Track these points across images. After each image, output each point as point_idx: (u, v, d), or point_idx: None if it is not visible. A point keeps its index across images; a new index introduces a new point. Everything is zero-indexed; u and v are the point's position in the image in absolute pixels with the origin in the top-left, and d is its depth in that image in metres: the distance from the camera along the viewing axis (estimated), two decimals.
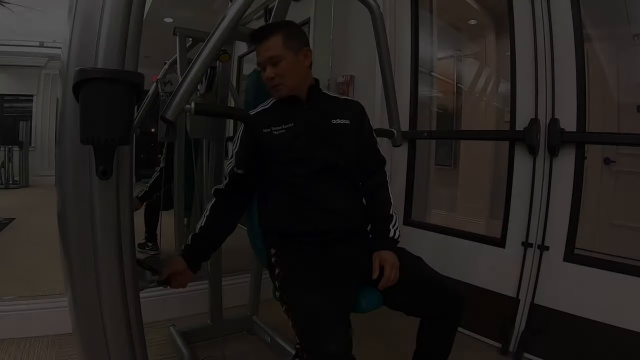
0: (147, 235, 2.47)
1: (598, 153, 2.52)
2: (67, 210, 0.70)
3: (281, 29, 1.09)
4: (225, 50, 1.21)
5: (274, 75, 1.07)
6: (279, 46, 1.06)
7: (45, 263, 2.23)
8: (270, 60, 1.06)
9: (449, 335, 1.05)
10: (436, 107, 2.73)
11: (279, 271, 1.05)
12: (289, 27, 1.11)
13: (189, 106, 0.84)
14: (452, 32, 3.23)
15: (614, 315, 1.38)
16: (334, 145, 1.10)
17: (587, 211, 2.15)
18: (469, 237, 1.87)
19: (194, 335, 1.58)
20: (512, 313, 1.62)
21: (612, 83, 2.47)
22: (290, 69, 1.08)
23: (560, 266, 1.52)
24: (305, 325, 0.90)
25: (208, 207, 1.10)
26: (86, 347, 0.74)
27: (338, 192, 1.08)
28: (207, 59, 0.88)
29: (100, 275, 0.71)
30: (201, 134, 1.39)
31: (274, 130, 1.09)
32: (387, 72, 1.35)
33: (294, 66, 1.09)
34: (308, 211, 1.06)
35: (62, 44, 0.71)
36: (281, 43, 1.06)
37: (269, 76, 1.08)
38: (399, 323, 1.84)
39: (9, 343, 1.48)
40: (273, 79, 1.08)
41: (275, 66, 1.07)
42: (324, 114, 1.13)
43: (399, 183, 2.16)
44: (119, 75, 0.65)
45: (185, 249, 1.03)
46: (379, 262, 1.02)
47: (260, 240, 1.15)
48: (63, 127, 0.69)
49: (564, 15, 1.50)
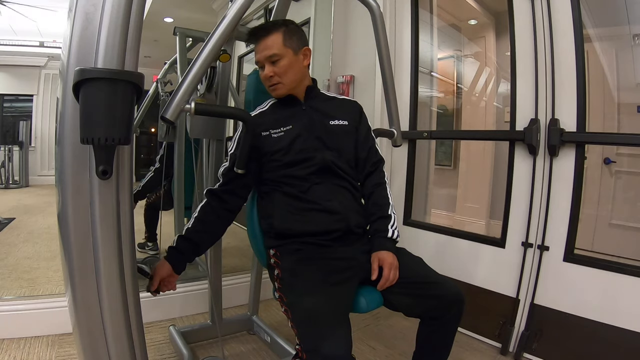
0: (147, 235, 2.47)
1: (598, 153, 2.52)
2: (67, 210, 0.69)
3: (281, 27, 1.08)
4: (225, 50, 1.21)
5: (273, 74, 1.07)
6: (279, 45, 1.06)
7: (45, 263, 2.23)
8: (270, 58, 1.06)
9: (448, 336, 1.05)
10: (436, 107, 2.73)
11: (278, 272, 1.05)
12: (288, 26, 1.10)
13: (189, 106, 0.85)
14: (452, 32, 3.23)
15: (614, 315, 1.38)
16: (332, 146, 1.10)
17: (587, 211, 2.16)
18: (469, 237, 1.87)
19: (194, 335, 1.58)
20: (512, 313, 1.62)
21: (612, 83, 2.47)
22: (290, 68, 1.08)
23: (560, 266, 1.52)
24: (305, 325, 0.90)
25: (198, 208, 1.08)
26: (86, 347, 0.74)
27: (337, 193, 1.08)
28: (207, 59, 0.88)
29: (100, 275, 0.71)
30: (201, 134, 1.38)
31: (273, 134, 1.09)
32: (387, 72, 1.35)
33: (293, 65, 1.09)
34: (307, 212, 1.06)
35: (62, 44, 0.71)
36: (281, 42, 1.06)
37: (267, 75, 1.07)
38: (399, 323, 1.85)
39: (9, 343, 1.48)
40: (272, 78, 1.07)
41: (274, 65, 1.06)
42: (322, 115, 1.13)
43: (398, 183, 2.16)
44: (119, 75, 0.65)
45: (169, 252, 1.01)
46: (377, 262, 1.02)
47: (260, 240, 1.15)
48: (63, 127, 0.69)
49: (564, 15, 1.49)
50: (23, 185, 4.84)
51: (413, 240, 2.06)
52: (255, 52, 1.09)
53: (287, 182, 1.07)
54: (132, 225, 0.78)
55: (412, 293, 1.02)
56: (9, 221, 3.21)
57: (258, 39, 1.07)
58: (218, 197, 1.08)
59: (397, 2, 2.15)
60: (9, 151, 4.77)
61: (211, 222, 1.07)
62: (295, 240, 1.06)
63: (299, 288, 0.98)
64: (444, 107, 3.33)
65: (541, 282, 1.57)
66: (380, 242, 1.07)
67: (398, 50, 2.17)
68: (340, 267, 1.02)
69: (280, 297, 1.02)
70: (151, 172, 2.39)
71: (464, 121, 3.34)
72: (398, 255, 1.07)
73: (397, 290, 1.02)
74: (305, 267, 1.01)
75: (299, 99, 1.14)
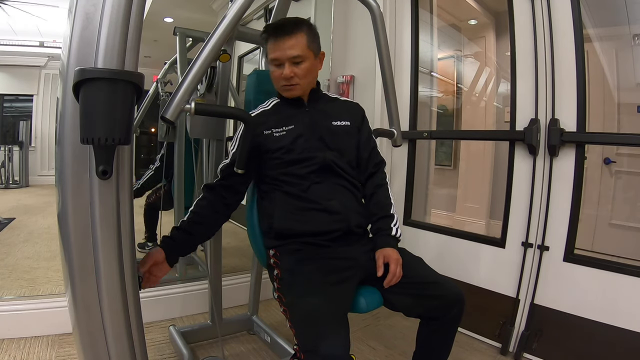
0: (147, 235, 2.47)
1: (598, 153, 2.52)
2: (67, 210, 0.69)
3: (306, 28, 1.05)
4: (225, 50, 1.21)
5: (294, 74, 1.04)
6: (303, 46, 1.03)
7: (45, 263, 2.23)
8: (293, 59, 1.03)
9: (449, 336, 1.05)
10: (436, 107, 2.73)
11: (278, 272, 1.05)
12: (311, 27, 1.07)
13: (189, 106, 0.84)
14: (452, 32, 3.23)
15: (614, 315, 1.38)
16: (334, 146, 1.10)
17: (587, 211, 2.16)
18: (469, 237, 1.87)
19: (194, 335, 1.58)
20: (512, 313, 1.62)
21: (612, 83, 2.47)
22: (309, 72, 1.07)
23: (560, 266, 1.52)
24: (303, 325, 0.90)
25: (195, 202, 1.08)
26: (86, 347, 0.74)
27: (337, 193, 1.08)
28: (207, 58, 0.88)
29: (100, 275, 0.71)
30: (201, 134, 1.38)
31: (275, 132, 1.09)
32: (387, 72, 1.35)
33: (312, 69, 1.08)
34: (307, 211, 1.06)
35: (62, 44, 0.71)
36: (305, 43, 1.04)
37: (288, 75, 1.04)
38: (399, 323, 1.85)
39: (9, 343, 1.48)
40: (292, 79, 1.04)
41: (296, 66, 1.04)
42: (324, 116, 1.13)
43: (399, 183, 2.16)
44: (119, 75, 0.65)
45: (163, 240, 1.00)
46: (382, 259, 1.02)
47: (260, 240, 1.16)
48: (63, 127, 0.69)
49: (564, 15, 1.49)
50: (23, 185, 4.84)
51: (413, 240, 2.06)
52: (273, 49, 1.04)
53: (288, 180, 1.07)
54: (132, 225, 0.78)
55: (412, 293, 1.02)
56: (9, 221, 3.21)
57: (281, 36, 1.02)
58: (216, 192, 1.07)
59: (397, 2, 2.15)
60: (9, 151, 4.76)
61: (207, 216, 1.06)
62: (295, 241, 1.06)
63: (298, 288, 0.98)
64: (444, 107, 3.33)
65: (541, 282, 1.57)
66: (384, 239, 1.07)
67: (398, 50, 2.17)
68: (340, 267, 1.01)
69: (280, 297, 1.02)
70: (151, 170, 2.39)
71: (464, 121, 3.34)
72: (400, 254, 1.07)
73: (397, 290, 1.02)
74: (305, 267, 1.01)
75: (304, 100, 1.14)
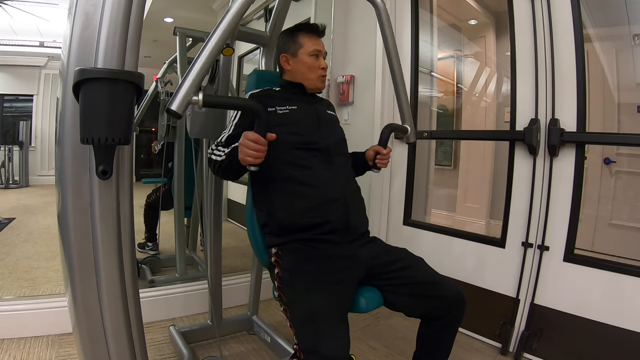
0: (147, 235, 2.48)
1: (598, 153, 2.52)
2: (67, 210, 0.69)
3: None
4: (229, 44, 1.22)
5: (326, 66, 1.24)
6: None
7: (45, 263, 2.23)
8: (324, 55, 1.24)
9: (449, 336, 1.05)
10: (436, 107, 2.73)
11: (278, 271, 1.05)
12: None
13: (196, 98, 0.78)
14: (452, 32, 3.22)
15: (614, 315, 1.38)
16: (329, 131, 1.20)
17: (587, 211, 2.16)
18: (469, 237, 1.87)
19: (194, 335, 1.58)
20: (512, 313, 1.62)
21: (612, 83, 2.47)
22: None
23: (561, 266, 1.52)
24: (303, 325, 0.90)
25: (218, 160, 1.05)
26: (86, 347, 0.74)
27: (336, 177, 1.11)
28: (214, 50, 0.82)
29: (100, 275, 0.71)
30: (201, 133, 1.38)
31: (279, 110, 1.15)
32: (396, 68, 1.28)
33: None
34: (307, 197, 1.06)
35: (62, 44, 0.71)
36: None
37: (326, 66, 1.24)
38: (399, 323, 1.85)
39: (9, 343, 1.48)
40: (325, 70, 1.23)
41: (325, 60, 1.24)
42: (320, 105, 1.26)
43: (399, 183, 2.16)
44: (119, 75, 0.65)
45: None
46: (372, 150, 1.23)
47: (261, 240, 1.16)
48: (63, 127, 0.69)
49: (564, 15, 1.49)
50: (23, 185, 4.84)
51: (413, 240, 2.06)
52: (313, 43, 1.21)
53: (290, 160, 1.09)
54: (132, 225, 0.78)
55: (413, 293, 1.02)
56: (9, 221, 3.21)
57: (317, 34, 1.23)
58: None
59: (397, 2, 2.15)
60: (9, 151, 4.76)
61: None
62: (296, 239, 1.06)
63: (299, 287, 0.98)
64: (444, 107, 3.33)
65: (541, 282, 1.57)
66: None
67: (398, 50, 2.16)
68: (340, 267, 1.02)
69: (280, 296, 1.02)
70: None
71: (464, 121, 3.34)
72: (399, 255, 1.08)
73: (397, 290, 1.02)
74: (306, 266, 1.01)
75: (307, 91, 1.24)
